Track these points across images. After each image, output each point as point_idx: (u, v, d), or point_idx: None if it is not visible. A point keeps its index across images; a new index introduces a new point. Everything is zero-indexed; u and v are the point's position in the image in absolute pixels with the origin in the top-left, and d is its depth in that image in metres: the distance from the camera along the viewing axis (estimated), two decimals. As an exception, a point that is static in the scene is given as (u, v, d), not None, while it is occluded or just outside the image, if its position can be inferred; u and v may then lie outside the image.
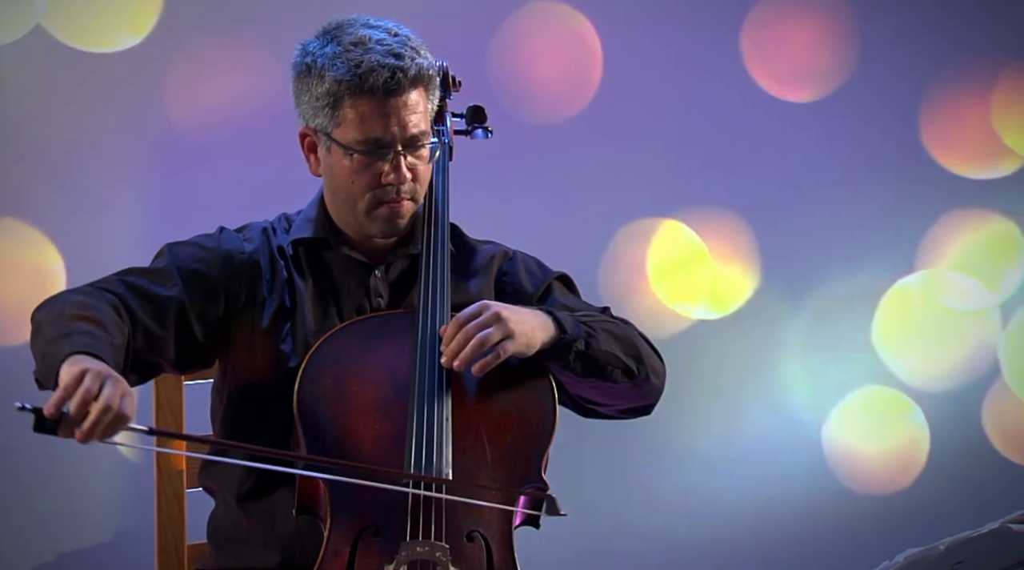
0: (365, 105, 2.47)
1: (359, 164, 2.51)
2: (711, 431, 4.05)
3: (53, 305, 2.41)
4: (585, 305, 2.68)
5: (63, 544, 3.62)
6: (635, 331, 2.64)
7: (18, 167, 3.59)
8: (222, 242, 2.59)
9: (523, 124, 3.87)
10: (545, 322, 2.49)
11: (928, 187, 4.16)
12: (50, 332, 2.33)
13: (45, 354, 2.31)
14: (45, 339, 2.33)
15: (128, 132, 3.65)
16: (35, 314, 2.42)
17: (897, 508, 4.10)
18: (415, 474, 2.35)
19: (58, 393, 2.20)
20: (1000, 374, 4.22)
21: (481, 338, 2.40)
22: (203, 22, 3.68)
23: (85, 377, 2.20)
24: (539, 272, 2.70)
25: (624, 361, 2.55)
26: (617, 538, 3.95)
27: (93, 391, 2.19)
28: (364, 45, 2.48)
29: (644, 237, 4.02)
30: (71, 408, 2.19)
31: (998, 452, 4.22)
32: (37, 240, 3.60)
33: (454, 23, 3.74)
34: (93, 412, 2.19)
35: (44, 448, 3.57)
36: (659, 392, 2.65)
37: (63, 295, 2.45)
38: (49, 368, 2.28)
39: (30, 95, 3.58)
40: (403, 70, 2.46)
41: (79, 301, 2.39)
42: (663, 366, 2.65)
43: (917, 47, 4.13)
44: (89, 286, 2.48)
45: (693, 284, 4.05)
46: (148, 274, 2.53)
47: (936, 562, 2.04)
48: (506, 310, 2.43)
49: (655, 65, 3.98)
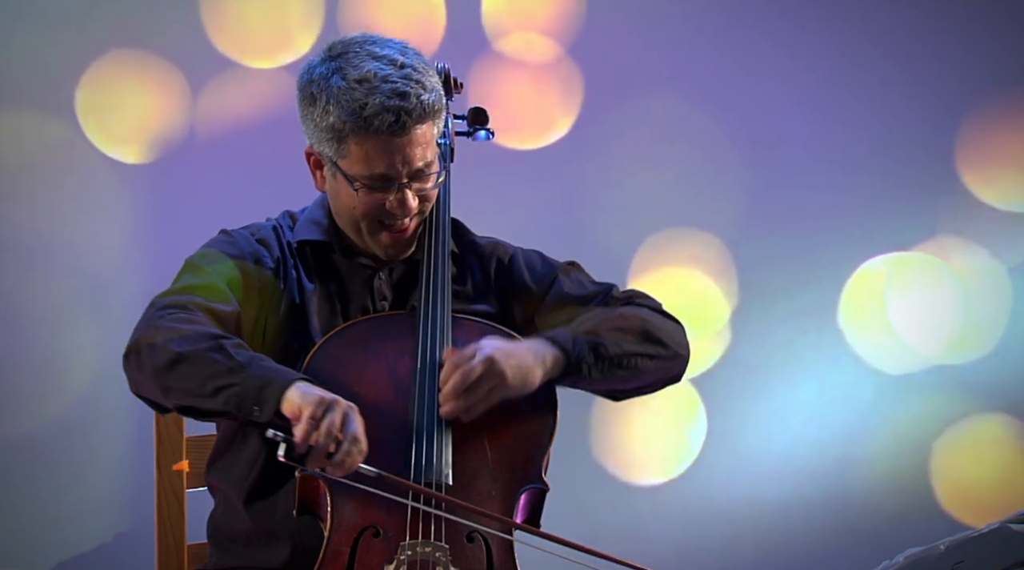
0: (370, 145, 2.46)
1: (364, 195, 2.50)
2: (711, 431, 4.06)
3: (175, 336, 2.33)
4: (592, 284, 2.69)
5: (64, 544, 3.62)
6: (643, 309, 2.63)
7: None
8: (242, 246, 2.57)
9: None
10: (545, 352, 2.47)
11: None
12: (216, 363, 2.28)
13: (227, 385, 2.27)
14: (212, 371, 2.28)
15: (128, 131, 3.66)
16: (149, 350, 2.34)
17: (897, 508, 4.11)
18: (416, 485, 2.34)
19: (304, 424, 2.20)
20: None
21: (472, 387, 2.39)
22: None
23: (329, 409, 2.22)
24: (542, 267, 2.70)
25: (640, 350, 2.56)
26: (617, 538, 3.94)
27: (337, 423, 2.22)
28: (369, 83, 2.44)
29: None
30: (317, 439, 2.20)
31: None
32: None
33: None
34: (344, 444, 2.22)
35: (44, 449, 3.60)
36: (686, 359, 2.64)
37: (170, 324, 2.36)
38: (246, 397, 2.26)
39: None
40: (408, 111, 2.44)
41: (207, 332, 2.34)
42: (681, 329, 2.65)
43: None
44: (174, 310, 2.40)
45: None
46: (200, 291, 2.47)
47: (936, 562, 2.04)
48: (501, 354, 2.41)
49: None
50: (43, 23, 3.57)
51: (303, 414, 2.21)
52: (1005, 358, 4.17)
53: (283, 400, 2.24)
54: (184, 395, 2.32)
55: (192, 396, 2.31)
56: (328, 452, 2.22)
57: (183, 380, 2.31)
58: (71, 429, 3.61)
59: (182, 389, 2.31)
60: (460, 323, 2.56)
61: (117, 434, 3.63)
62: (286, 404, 2.24)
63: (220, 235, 2.61)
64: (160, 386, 2.33)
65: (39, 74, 3.58)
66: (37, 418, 3.61)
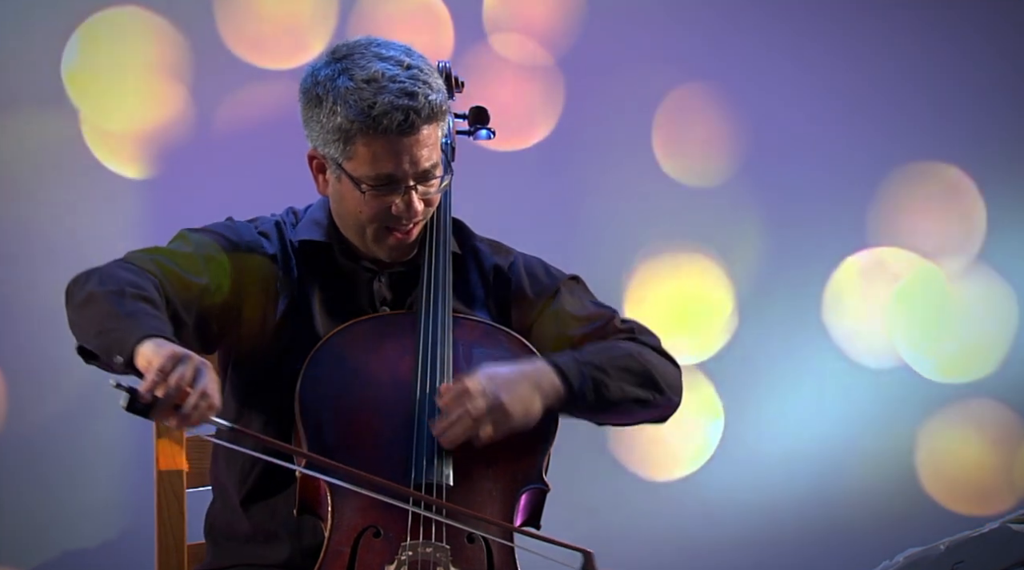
0: (378, 144, 2.45)
1: (370, 197, 2.50)
2: (711, 432, 4.06)
3: (103, 279, 2.35)
4: (594, 306, 2.67)
5: (64, 544, 3.62)
6: (647, 349, 2.60)
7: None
8: (242, 234, 2.57)
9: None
10: (546, 380, 2.46)
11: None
12: (108, 307, 2.29)
13: (106, 329, 2.27)
14: (103, 313, 2.29)
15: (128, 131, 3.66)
16: (81, 285, 2.36)
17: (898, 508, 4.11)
18: (415, 492, 2.34)
19: (151, 375, 2.19)
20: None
21: (473, 419, 2.38)
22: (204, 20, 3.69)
23: (180, 362, 2.20)
24: (544, 276, 2.68)
25: (640, 395, 2.55)
26: (617, 539, 3.95)
27: (187, 377, 2.19)
28: (377, 82, 2.44)
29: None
30: (166, 392, 2.18)
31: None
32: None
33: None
34: (192, 398, 2.19)
35: (44, 449, 3.60)
36: (676, 405, 2.63)
37: (109, 269, 2.39)
38: (114, 344, 2.25)
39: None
40: (416, 110, 2.44)
41: (130, 280, 2.35)
42: (679, 374, 2.63)
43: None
44: (126, 262, 2.43)
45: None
46: (176, 257, 2.48)
47: (936, 562, 2.04)
48: (502, 389, 2.40)
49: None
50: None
51: (152, 366, 2.20)
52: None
53: (136, 353, 2.23)
54: (80, 333, 2.33)
55: (83, 336, 2.32)
56: (175, 404, 2.20)
57: (84, 319, 2.32)
58: (71, 429, 3.62)
59: (80, 327, 2.33)
60: (460, 323, 2.55)
61: (117, 434, 3.63)
62: (139, 357, 2.23)
63: (225, 221, 2.62)
64: (72, 323, 2.35)
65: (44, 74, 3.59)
66: (37, 418, 3.62)
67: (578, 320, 2.63)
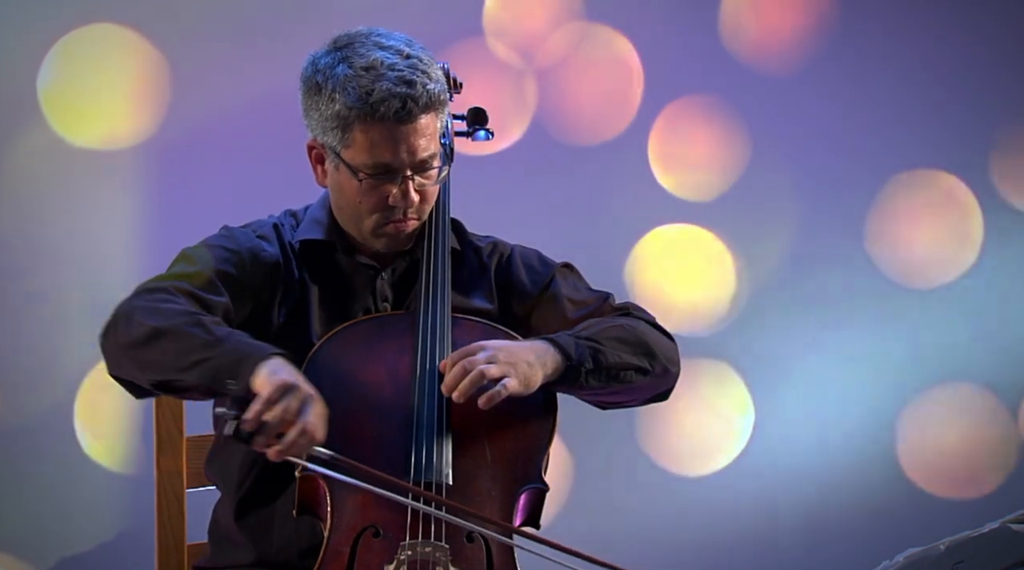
0: (376, 131, 2.46)
1: (367, 186, 2.50)
2: (710, 432, 4.06)
3: (149, 314, 2.32)
4: (588, 291, 2.69)
5: (64, 544, 3.62)
6: (641, 322, 2.63)
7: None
8: (242, 242, 2.56)
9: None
10: (546, 355, 2.47)
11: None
12: (191, 338, 2.27)
13: (205, 358, 2.26)
14: (189, 345, 2.27)
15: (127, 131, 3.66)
16: (126, 328, 2.32)
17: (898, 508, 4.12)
18: (415, 488, 2.34)
19: (258, 405, 2.18)
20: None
21: (481, 371, 2.38)
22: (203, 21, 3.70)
23: (287, 392, 2.20)
24: (540, 267, 2.70)
25: (637, 363, 2.56)
26: (617, 539, 3.95)
27: (292, 409, 2.20)
28: (376, 70, 2.45)
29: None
30: (269, 422, 2.18)
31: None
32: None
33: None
34: (292, 433, 2.20)
35: (43, 448, 3.60)
36: (676, 377, 2.65)
37: (145, 304, 2.35)
38: (222, 370, 2.24)
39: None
40: (414, 98, 2.45)
41: (183, 308, 2.33)
42: (675, 346, 2.64)
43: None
44: (153, 293, 2.39)
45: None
46: (191, 279, 2.46)
47: (936, 562, 2.04)
48: (504, 353, 2.42)
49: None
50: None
51: (261, 394, 2.20)
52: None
53: (255, 375, 2.23)
54: (160, 370, 2.31)
55: (167, 371, 2.30)
56: (277, 433, 2.20)
57: (160, 354, 2.30)
58: (70, 428, 3.61)
59: (158, 363, 2.30)
60: (460, 323, 2.56)
61: (117, 433, 3.63)
62: (256, 379, 2.23)
63: (220, 231, 2.61)
64: (136, 361, 2.32)
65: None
66: (36, 417, 3.61)
67: (574, 303, 2.65)
